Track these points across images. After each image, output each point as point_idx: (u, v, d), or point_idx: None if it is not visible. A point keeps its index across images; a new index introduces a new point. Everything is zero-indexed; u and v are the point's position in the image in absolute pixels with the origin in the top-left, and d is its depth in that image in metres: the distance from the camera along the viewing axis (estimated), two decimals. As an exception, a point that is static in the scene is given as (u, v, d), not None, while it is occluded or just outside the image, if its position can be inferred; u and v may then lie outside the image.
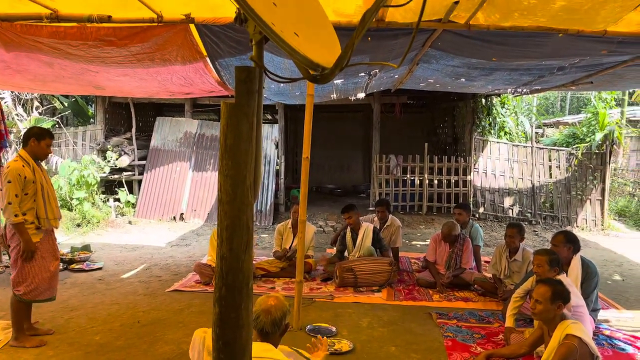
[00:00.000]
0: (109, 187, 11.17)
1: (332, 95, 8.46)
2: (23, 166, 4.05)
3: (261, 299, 2.56)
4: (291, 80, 1.52)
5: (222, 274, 1.63)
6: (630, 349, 4.24)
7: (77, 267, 6.61)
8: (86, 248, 7.30)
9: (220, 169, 1.60)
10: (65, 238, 8.61)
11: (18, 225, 3.98)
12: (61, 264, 6.60)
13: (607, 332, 4.60)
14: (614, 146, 10.90)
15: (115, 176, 10.88)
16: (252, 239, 1.66)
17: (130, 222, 10.06)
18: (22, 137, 4.24)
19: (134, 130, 11.31)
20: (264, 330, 2.48)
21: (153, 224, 10.11)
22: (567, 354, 2.86)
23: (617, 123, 10.83)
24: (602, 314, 4.97)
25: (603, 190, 10.46)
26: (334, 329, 4.55)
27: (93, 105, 12.12)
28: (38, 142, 4.15)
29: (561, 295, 3.10)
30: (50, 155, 10.77)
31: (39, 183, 4.12)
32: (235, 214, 1.59)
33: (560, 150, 11.03)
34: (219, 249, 1.63)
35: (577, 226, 10.41)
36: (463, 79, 6.67)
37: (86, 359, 3.91)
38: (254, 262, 7.01)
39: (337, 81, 6.51)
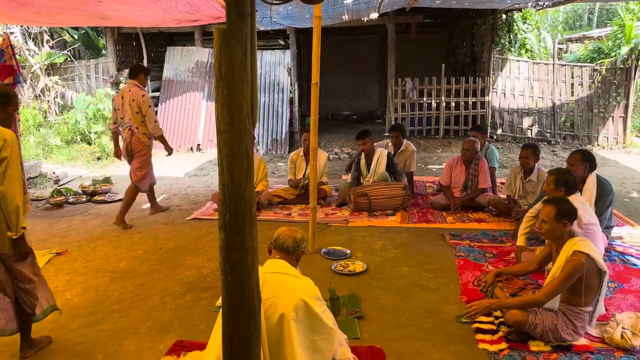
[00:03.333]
0: (125, 120, 11.22)
1: (343, 17, 8.13)
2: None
3: (280, 228, 2.80)
4: (283, 1, 1.47)
5: (225, 201, 1.66)
6: (641, 264, 4.29)
7: (99, 198, 6.83)
8: (107, 180, 7.49)
9: (216, 98, 1.59)
10: (87, 171, 8.81)
11: (163, 136, 5.78)
12: (84, 195, 6.86)
13: (619, 249, 4.65)
14: (640, 60, 10.43)
15: (131, 109, 10.92)
16: (253, 167, 1.67)
17: (148, 154, 10.20)
18: (129, 71, 5.75)
19: (145, 61, 11.19)
20: (284, 246, 2.67)
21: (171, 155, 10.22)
22: (574, 270, 2.91)
23: (644, 35, 10.28)
24: (616, 231, 5.01)
25: (626, 106, 10.14)
26: (348, 251, 4.69)
27: (103, 37, 11.94)
28: (145, 77, 5.63)
29: (566, 213, 3.09)
30: (65, 89, 10.81)
31: None
32: (234, 142, 1.59)
33: (584, 66, 10.60)
34: (220, 178, 1.66)
35: (598, 144, 10.23)
36: (480, -6, 6.33)
37: (113, 284, 4.13)
38: (270, 189, 7.10)
39: (347, 1, 6.25)
